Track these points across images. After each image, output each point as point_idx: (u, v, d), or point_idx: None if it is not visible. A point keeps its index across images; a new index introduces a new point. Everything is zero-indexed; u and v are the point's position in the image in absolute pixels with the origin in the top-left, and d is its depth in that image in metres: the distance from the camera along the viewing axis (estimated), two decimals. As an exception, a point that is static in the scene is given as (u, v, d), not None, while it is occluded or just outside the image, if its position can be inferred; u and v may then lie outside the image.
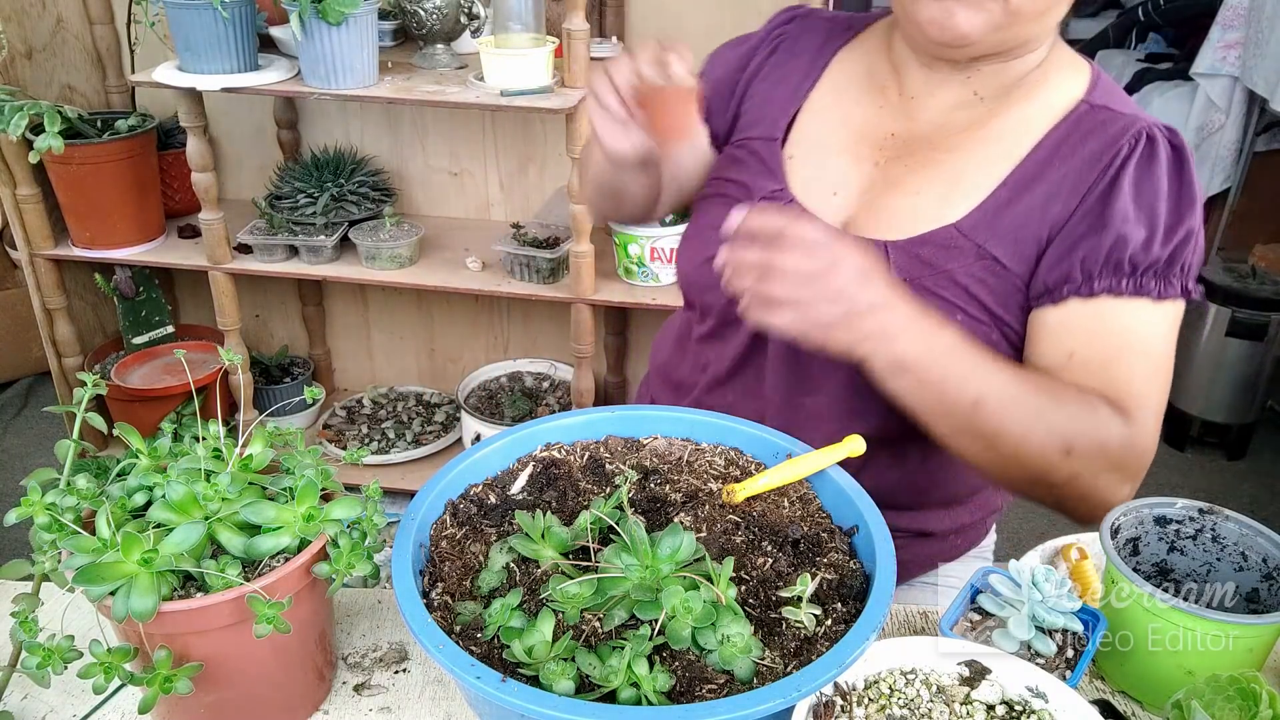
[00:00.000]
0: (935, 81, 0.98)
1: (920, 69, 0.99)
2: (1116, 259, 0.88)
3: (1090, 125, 0.93)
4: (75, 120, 1.95)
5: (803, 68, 1.08)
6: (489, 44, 1.80)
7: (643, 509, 0.76)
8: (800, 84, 1.07)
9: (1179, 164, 0.91)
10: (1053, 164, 0.92)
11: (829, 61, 1.07)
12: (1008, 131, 0.96)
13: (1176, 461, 2.84)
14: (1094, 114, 0.94)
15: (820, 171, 1.03)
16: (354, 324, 2.55)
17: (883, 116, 1.02)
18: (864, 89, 1.04)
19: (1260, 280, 2.66)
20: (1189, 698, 0.69)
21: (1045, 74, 0.97)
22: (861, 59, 1.06)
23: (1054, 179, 0.92)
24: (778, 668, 0.64)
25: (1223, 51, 3.03)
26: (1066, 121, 0.94)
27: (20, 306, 2.66)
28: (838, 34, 1.09)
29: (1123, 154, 0.90)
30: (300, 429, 0.80)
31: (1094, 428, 0.86)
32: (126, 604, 0.64)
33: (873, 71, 1.04)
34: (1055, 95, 0.96)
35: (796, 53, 1.09)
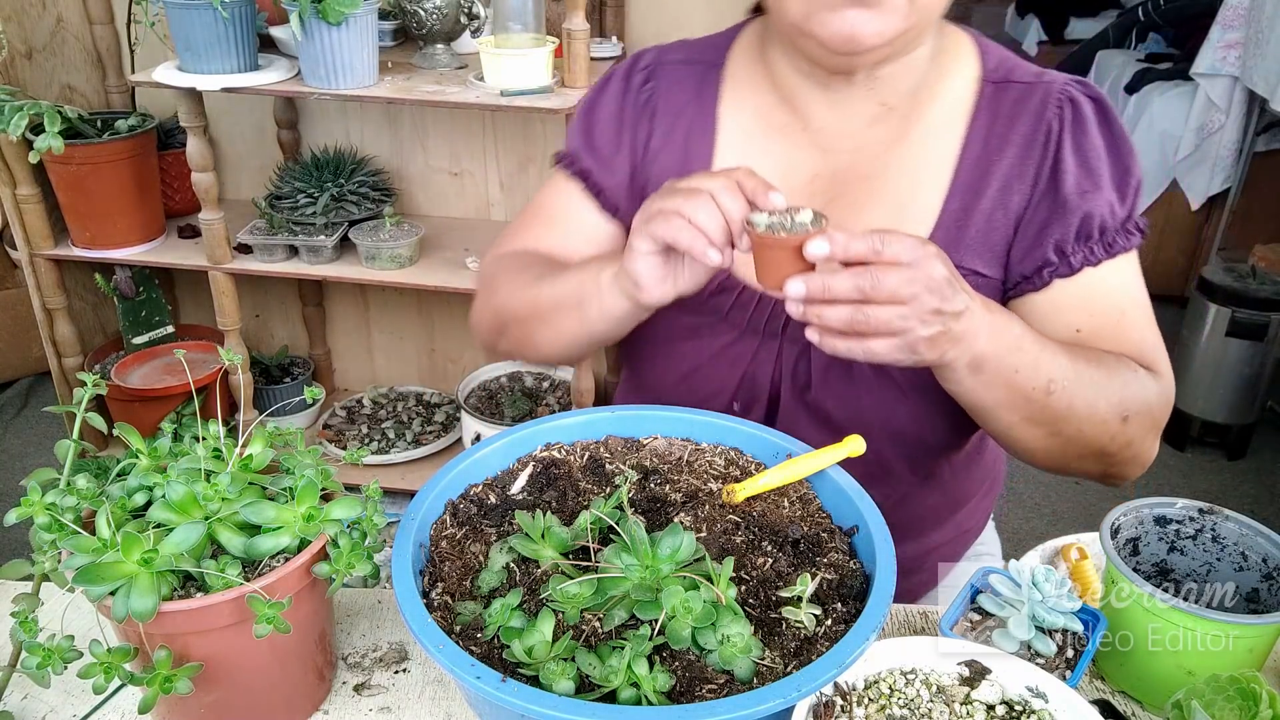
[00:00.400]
0: (838, 103, 0.93)
1: (818, 93, 0.93)
2: (1086, 232, 0.89)
3: (1007, 106, 0.92)
4: (75, 120, 1.95)
5: (694, 130, 0.99)
6: (489, 44, 1.80)
7: (643, 509, 0.76)
8: (699, 147, 0.98)
9: (1105, 118, 0.91)
10: (992, 158, 0.92)
11: (715, 114, 0.99)
12: (929, 137, 0.93)
13: (1176, 461, 2.84)
14: (1003, 92, 0.93)
15: None
16: (354, 324, 2.55)
17: (798, 160, 0.96)
18: (765, 134, 0.97)
19: (1260, 280, 2.66)
20: (1189, 698, 0.69)
21: (940, 65, 0.94)
22: (746, 102, 0.98)
23: (1000, 172, 0.91)
24: (778, 668, 0.64)
25: (1223, 51, 3.03)
26: (981, 109, 0.93)
27: (20, 306, 2.66)
28: (704, 79, 1.00)
29: (1054, 128, 0.90)
30: (300, 429, 0.80)
31: (1141, 390, 0.88)
32: (126, 604, 0.64)
33: (763, 112, 0.98)
34: (956, 84, 0.94)
35: (677, 112, 1.00)
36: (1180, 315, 2.85)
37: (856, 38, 0.82)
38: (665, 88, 1.01)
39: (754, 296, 0.96)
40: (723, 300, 0.96)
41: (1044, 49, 4.83)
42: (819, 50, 0.86)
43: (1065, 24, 4.86)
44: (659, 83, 1.01)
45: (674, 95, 1.00)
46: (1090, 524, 0.87)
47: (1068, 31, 4.83)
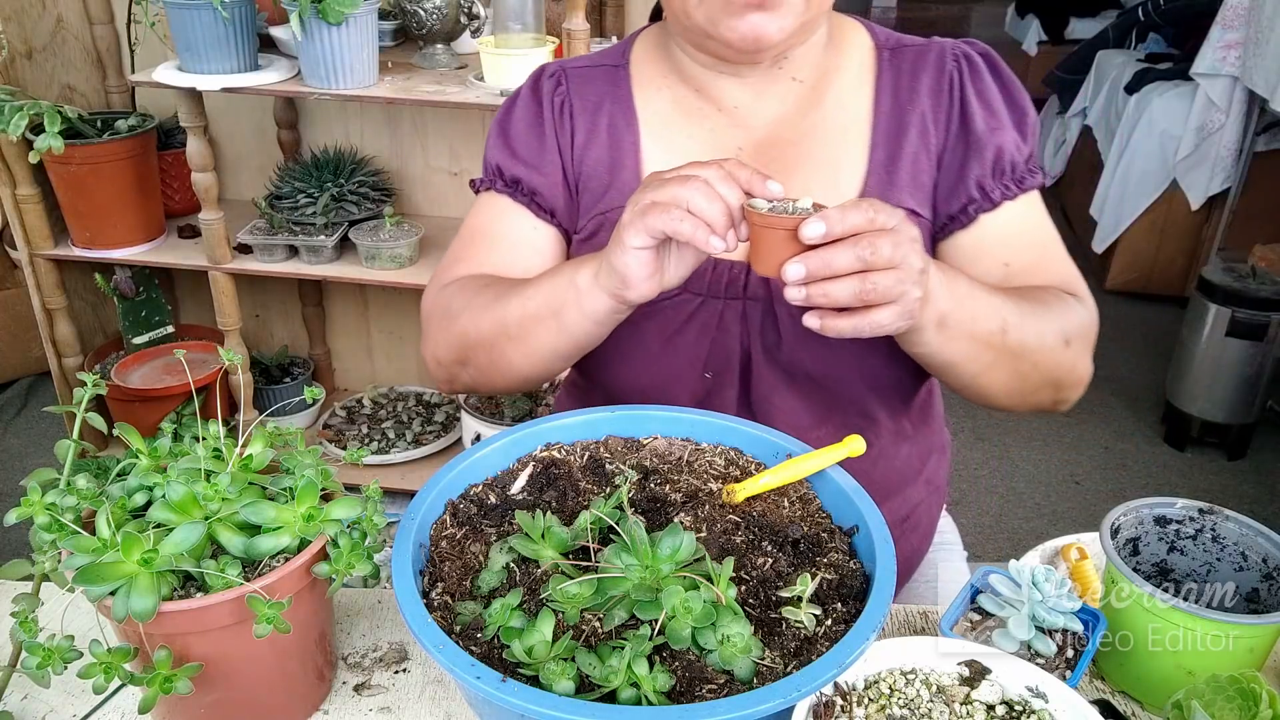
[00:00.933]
0: (750, 85, 0.97)
1: (728, 80, 0.97)
2: (1000, 168, 0.95)
3: (908, 64, 0.98)
4: (75, 120, 1.95)
5: (617, 120, 1.01)
6: (489, 44, 1.80)
7: (643, 509, 0.76)
8: (625, 136, 1.00)
9: (995, 68, 0.98)
10: (905, 107, 0.97)
11: (633, 105, 1.01)
12: (842, 99, 0.98)
13: (1176, 461, 2.84)
14: (899, 55, 0.99)
15: None
16: (354, 324, 2.55)
17: (721, 138, 0.99)
18: (685, 119, 1.00)
19: (1260, 280, 2.66)
20: (1189, 698, 0.69)
21: (836, 43, 1.00)
22: (659, 95, 1.01)
23: (915, 119, 0.96)
24: (778, 668, 0.64)
25: (1223, 51, 3.03)
26: (883, 71, 0.99)
27: (20, 306, 2.66)
28: (613, 76, 1.03)
29: (955, 78, 0.97)
30: (300, 429, 0.80)
31: (1075, 315, 0.94)
32: (126, 604, 0.64)
33: (678, 101, 1.00)
34: (855, 53, 1.00)
35: (596, 106, 1.01)
36: (1180, 315, 2.85)
37: (760, 38, 0.87)
38: (577, 89, 1.02)
39: (710, 261, 0.95)
40: None
41: (1044, 49, 4.84)
42: (725, 50, 0.91)
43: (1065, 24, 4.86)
44: (569, 85, 1.03)
45: (588, 93, 1.02)
46: (1090, 524, 0.87)
47: (1068, 31, 4.84)
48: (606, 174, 1.01)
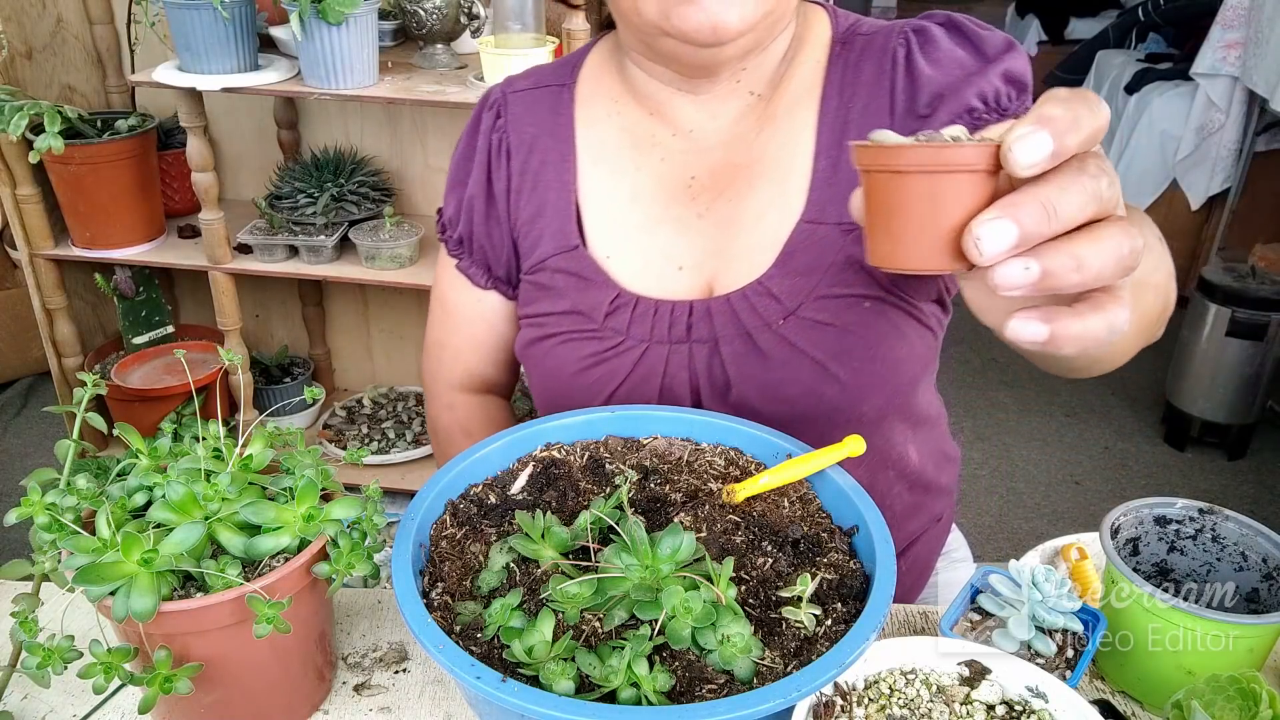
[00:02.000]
0: (706, 103, 0.91)
1: (684, 99, 0.91)
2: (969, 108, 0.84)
3: (855, 56, 0.90)
4: (75, 120, 1.95)
5: (551, 155, 0.96)
6: (489, 44, 1.80)
7: (643, 509, 0.76)
8: (560, 175, 0.95)
9: (956, 28, 0.88)
10: (847, 107, 0.89)
11: (572, 137, 0.95)
12: (793, 110, 0.91)
13: (1176, 461, 2.84)
14: (849, 47, 0.91)
15: (648, 255, 0.93)
16: (354, 324, 2.55)
17: (672, 166, 0.93)
18: (634, 148, 0.94)
19: (1260, 280, 2.66)
20: (1189, 698, 0.69)
21: (799, 42, 0.92)
22: (608, 120, 0.95)
23: (856, 118, 0.88)
24: (778, 668, 0.64)
25: (1223, 51, 3.03)
26: (832, 69, 0.90)
27: (20, 306, 2.67)
28: (557, 100, 0.97)
29: (900, 55, 0.88)
30: (300, 429, 0.80)
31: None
32: (126, 604, 0.64)
33: (631, 130, 0.94)
34: (812, 49, 0.92)
35: (531, 140, 0.97)
36: (1180, 315, 2.85)
37: (719, 27, 0.78)
38: (514, 120, 0.97)
39: (650, 306, 0.92)
40: (620, 318, 0.93)
41: (1044, 49, 4.84)
42: (682, 48, 0.82)
43: (1065, 24, 4.86)
44: (507, 118, 0.98)
45: (524, 127, 0.97)
46: (1090, 524, 0.87)
47: (1068, 31, 4.84)
48: (535, 224, 0.96)
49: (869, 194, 0.49)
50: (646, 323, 0.93)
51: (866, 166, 0.49)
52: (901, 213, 0.48)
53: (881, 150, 0.48)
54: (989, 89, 0.84)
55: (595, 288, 0.94)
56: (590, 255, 0.94)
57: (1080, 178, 0.46)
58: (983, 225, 0.45)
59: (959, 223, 0.47)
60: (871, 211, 0.50)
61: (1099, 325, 0.47)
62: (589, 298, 0.94)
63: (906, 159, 0.47)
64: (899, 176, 0.47)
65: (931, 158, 0.46)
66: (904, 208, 0.48)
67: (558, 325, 0.96)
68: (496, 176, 0.98)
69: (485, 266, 1.02)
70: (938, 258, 0.47)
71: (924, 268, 0.48)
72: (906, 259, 0.49)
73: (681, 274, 0.92)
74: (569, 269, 0.95)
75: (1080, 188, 0.46)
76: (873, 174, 0.49)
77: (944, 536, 1.13)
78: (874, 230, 0.50)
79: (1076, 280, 0.46)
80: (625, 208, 0.94)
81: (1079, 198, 0.46)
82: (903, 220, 0.48)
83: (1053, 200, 0.45)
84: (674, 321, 0.93)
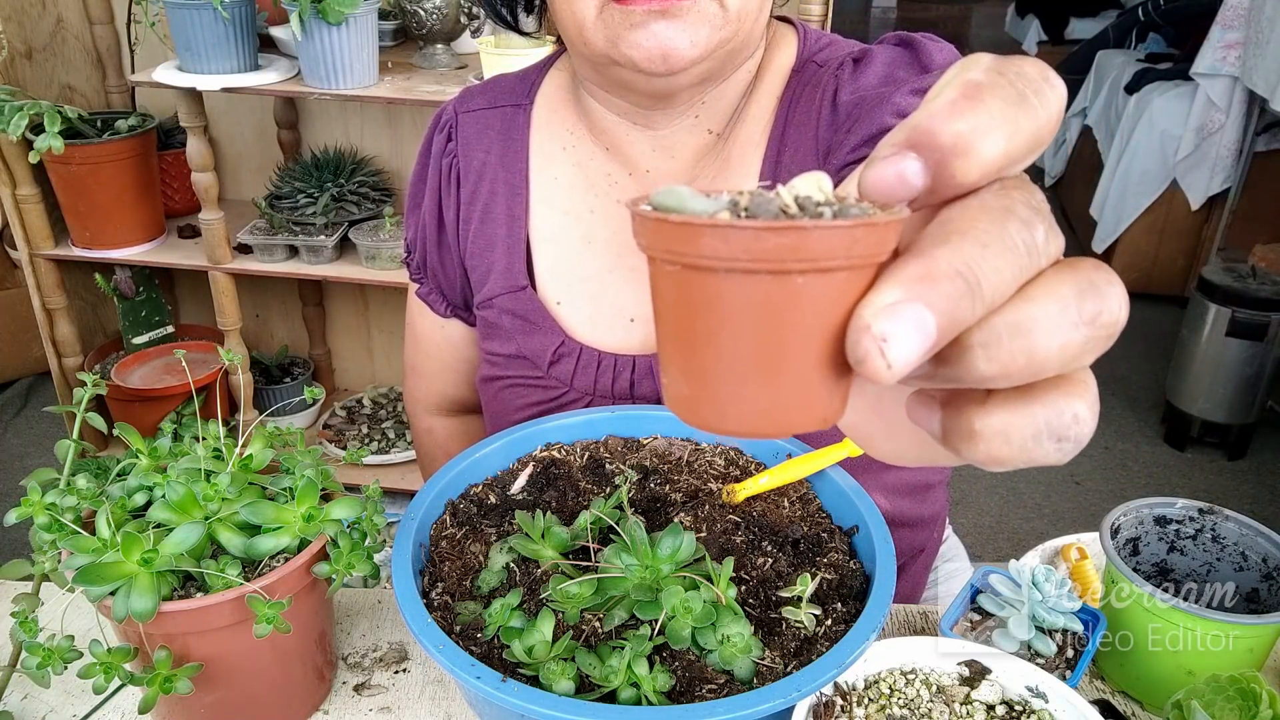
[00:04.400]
0: (663, 140, 0.86)
1: (641, 135, 0.86)
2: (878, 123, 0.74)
3: (800, 89, 0.82)
4: (75, 120, 1.95)
5: (500, 188, 0.91)
6: (489, 44, 1.80)
7: (643, 509, 0.76)
8: (511, 209, 0.90)
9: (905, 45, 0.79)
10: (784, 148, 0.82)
11: (526, 170, 0.90)
12: (746, 152, 0.84)
13: (1176, 461, 2.84)
14: (800, 76, 0.83)
15: (599, 303, 0.89)
16: (354, 324, 2.55)
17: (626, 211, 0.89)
18: (588, 189, 0.89)
19: (1260, 280, 2.66)
20: (1189, 698, 0.69)
21: (760, 75, 0.86)
22: (564, 157, 0.90)
23: (787, 162, 0.81)
24: (778, 668, 0.64)
25: (1223, 51, 3.03)
26: (781, 104, 0.83)
27: (20, 306, 2.66)
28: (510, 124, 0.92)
29: (830, 88, 0.79)
30: (300, 429, 0.80)
31: None
32: (126, 604, 0.64)
33: (585, 166, 0.89)
34: (772, 80, 0.85)
35: (480, 170, 0.92)
36: (1180, 315, 2.85)
37: (669, 55, 0.72)
38: (465, 145, 0.92)
39: (594, 358, 0.88)
40: (564, 367, 0.90)
41: (1044, 49, 4.84)
42: (633, 77, 0.76)
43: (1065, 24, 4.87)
44: (458, 140, 0.93)
45: (474, 153, 0.92)
46: (1090, 524, 0.87)
47: (1068, 31, 4.84)
48: (485, 257, 0.92)
49: (665, 297, 0.28)
50: (590, 375, 0.89)
51: (662, 253, 0.28)
52: (731, 337, 0.27)
53: (696, 231, 0.26)
54: (909, 105, 0.72)
55: (541, 333, 0.90)
56: (539, 298, 0.90)
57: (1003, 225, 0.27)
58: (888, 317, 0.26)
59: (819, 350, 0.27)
60: (669, 325, 0.29)
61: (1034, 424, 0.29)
62: (534, 342, 0.90)
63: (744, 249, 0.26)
64: (728, 277, 0.26)
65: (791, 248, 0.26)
66: (735, 328, 0.27)
67: (505, 368, 0.93)
68: (446, 204, 0.94)
69: (442, 294, 1.00)
70: (798, 408, 0.28)
71: (773, 425, 0.28)
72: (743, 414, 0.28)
73: (633, 326, 0.89)
74: (516, 310, 0.91)
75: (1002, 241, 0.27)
76: (676, 268, 0.27)
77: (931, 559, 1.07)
78: (677, 359, 0.29)
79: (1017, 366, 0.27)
80: (578, 251, 0.90)
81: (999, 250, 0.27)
82: (733, 348, 0.27)
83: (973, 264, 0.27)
84: (617, 376, 0.89)
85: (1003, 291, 0.27)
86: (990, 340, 0.26)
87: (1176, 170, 3.33)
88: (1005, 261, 0.27)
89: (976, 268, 0.26)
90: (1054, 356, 0.27)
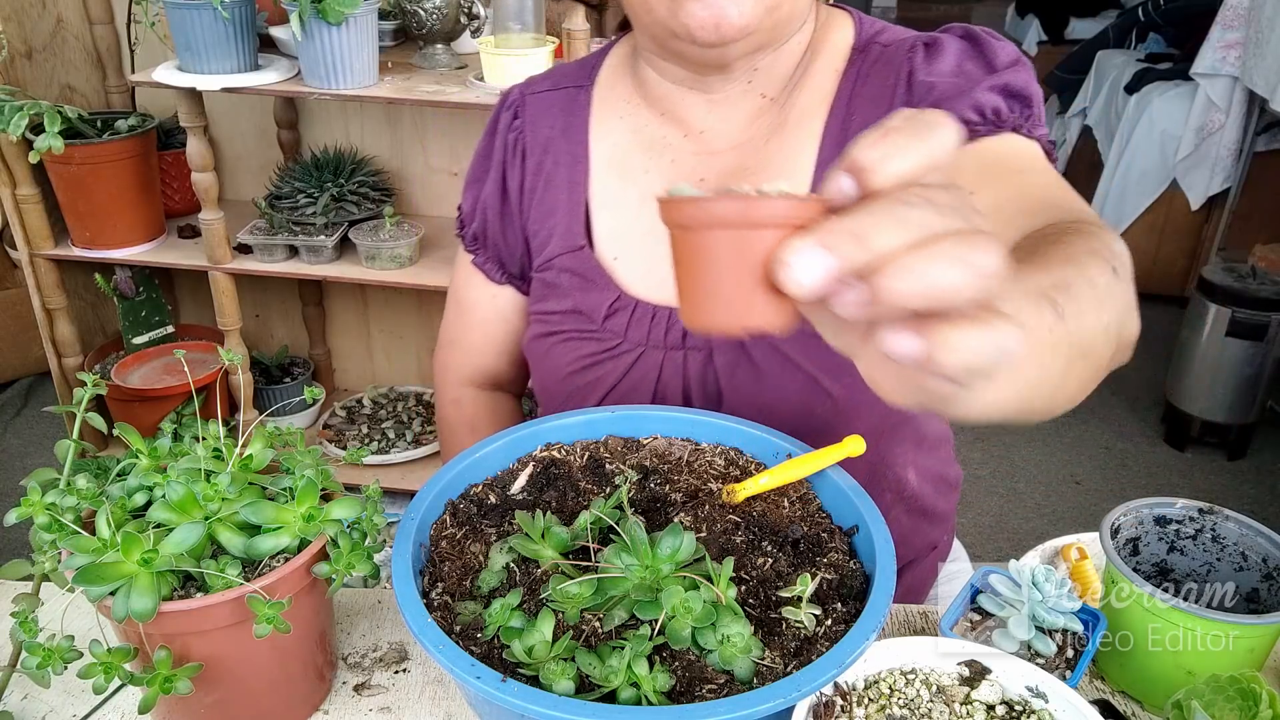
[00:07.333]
0: (718, 103, 0.92)
1: (696, 98, 0.92)
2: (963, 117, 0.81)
3: (868, 67, 0.90)
4: (75, 120, 1.95)
5: (563, 159, 0.97)
6: (489, 44, 1.80)
7: (643, 509, 0.76)
8: (572, 176, 0.97)
9: (971, 39, 0.87)
10: (852, 115, 0.89)
11: (586, 140, 0.97)
12: (804, 118, 0.91)
13: (1176, 461, 2.84)
14: (865, 56, 0.91)
15: (652, 259, 0.93)
16: (354, 324, 2.55)
17: (682, 169, 0.93)
18: (644, 151, 0.95)
19: (1260, 280, 2.66)
20: (1189, 698, 0.69)
21: (815, 46, 0.92)
22: (621, 123, 0.97)
23: (856, 131, 0.87)
24: (778, 668, 0.64)
25: (1223, 51, 3.03)
26: (846, 78, 0.91)
27: (20, 306, 2.67)
28: (573, 102, 0.99)
29: (905, 69, 0.87)
30: (300, 429, 0.80)
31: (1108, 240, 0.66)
32: (126, 604, 0.64)
33: (642, 132, 0.95)
34: (831, 55, 0.92)
35: (545, 143, 0.99)
36: (1180, 315, 2.85)
37: (721, 24, 0.80)
38: (531, 122, 0.99)
39: (648, 310, 0.93)
40: (618, 320, 0.94)
41: (1044, 49, 4.84)
42: (689, 47, 0.84)
43: (1065, 24, 4.86)
44: (524, 118, 1.00)
45: (540, 129, 0.99)
46: (1090, 524, 0.87)
47: (1068, 31, 4.84)
48: (546, 223, 0.97)
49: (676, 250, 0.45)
50: (644, 326, 0.94)
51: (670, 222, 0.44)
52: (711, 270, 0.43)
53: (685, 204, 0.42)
54: (989, 102, 0.83)
55: (597, 289, 0.95)
56: (595, 257, 0.96)
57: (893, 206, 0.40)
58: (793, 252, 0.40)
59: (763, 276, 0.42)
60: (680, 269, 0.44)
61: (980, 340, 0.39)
62: (590, 298, 0.95)
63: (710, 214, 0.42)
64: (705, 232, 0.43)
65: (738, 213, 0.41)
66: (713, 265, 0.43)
67: (560, 324, 0.97)
68: (511, 175, 1.00)
69: (499, 263, 1.04)
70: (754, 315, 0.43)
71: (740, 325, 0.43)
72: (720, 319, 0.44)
73: None
74: (574, 269, 0.96)
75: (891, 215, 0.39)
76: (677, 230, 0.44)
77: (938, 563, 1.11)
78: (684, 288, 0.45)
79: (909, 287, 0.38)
80: (634, 211, 0.95)
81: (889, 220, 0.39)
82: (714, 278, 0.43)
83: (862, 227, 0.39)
84: (670, 326, 0.93)
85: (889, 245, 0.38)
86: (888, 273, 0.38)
87: (1176, 170, 3.33)
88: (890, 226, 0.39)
89: (863, 228, 0.39)
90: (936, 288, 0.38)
